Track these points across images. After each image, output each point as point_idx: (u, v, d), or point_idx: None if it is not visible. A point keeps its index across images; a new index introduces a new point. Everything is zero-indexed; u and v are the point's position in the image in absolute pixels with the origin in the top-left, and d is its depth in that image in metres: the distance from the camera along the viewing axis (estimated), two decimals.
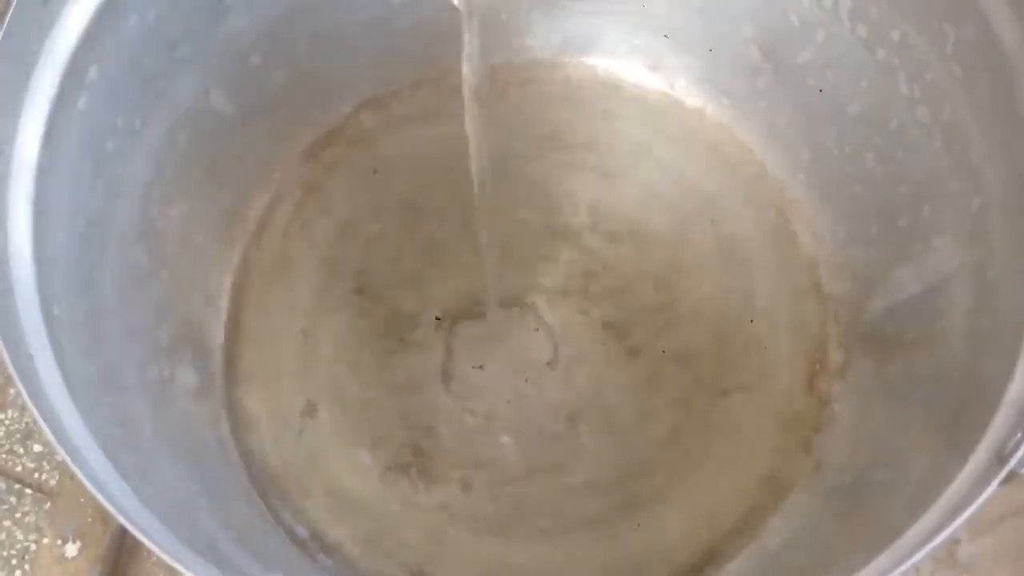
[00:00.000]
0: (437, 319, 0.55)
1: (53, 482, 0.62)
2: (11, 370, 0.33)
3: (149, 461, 0.42)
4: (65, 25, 0.40)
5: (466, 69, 0.41)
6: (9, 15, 0.37)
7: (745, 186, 0.57)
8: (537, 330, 0.54)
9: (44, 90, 0.40)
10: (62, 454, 0.32)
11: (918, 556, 0.32)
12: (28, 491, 0.63)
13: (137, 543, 0.58)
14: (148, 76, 0.46)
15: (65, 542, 0.56)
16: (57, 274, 0.40)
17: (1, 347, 0.34)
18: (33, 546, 0.61)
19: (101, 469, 0.35)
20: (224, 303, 0.55)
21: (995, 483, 0.32)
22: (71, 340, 0.39)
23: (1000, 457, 0.33)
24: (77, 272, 0.42)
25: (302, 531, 0.50)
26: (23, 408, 0.65)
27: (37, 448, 0.64)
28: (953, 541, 0.57)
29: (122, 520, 0.32)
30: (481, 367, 0.54)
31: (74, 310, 0.41)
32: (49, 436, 0.32)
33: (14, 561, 0.61)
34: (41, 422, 0.32)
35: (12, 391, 0.66)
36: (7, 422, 0.65)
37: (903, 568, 0.33)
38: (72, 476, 0.58)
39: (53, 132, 0.40)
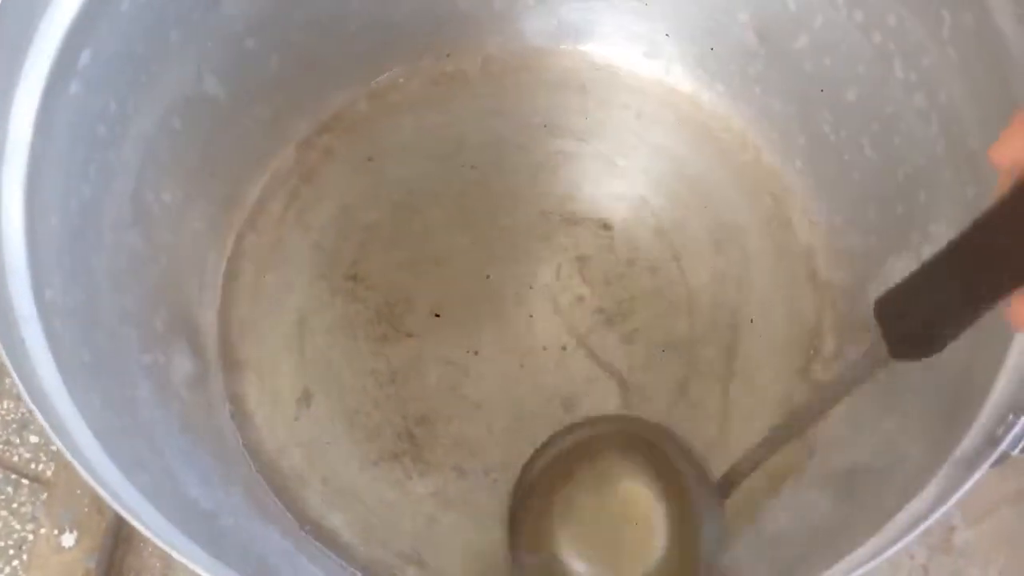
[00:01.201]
0: (432, 306, 0.55)
1: (49, 473, 0.62)
2: (3, 354, 0.33)
3: (143, 447, 0.42)
4: (59, 8, 0.40)
5: None
6: None
7: (741, 173, 0.57)
8: (532, 316, 0.54)
9: (37, 74, 0.39)
10: (54, 438, 0.32)
11: (911, 536, 0.33)
12: (25, 482, 0.63)
13: (133, 533, 0.59)
14: (141, 61, 0.46)
15: (62, 532, 0.56)
16: (50, 259, 0.40)
17: None
18: (30, 536, 0.61)
19: (93, 454, 0.35)
20: (219, 290, 0.55)
21: (987, 464, 0.32)
22: (64, 325, 0.39)
23: (992, 439, 0.33)
24: (71, 257, 0.42)
25: (299, 518, 0.50)
26: (19, 398, 0.65)
27: (34, 439, 0.64)
28: (949, 528, 0.57)
29: (114, 504, 0.32)
30: (476, 353, 0.54)
31: (68, 295, 0.41)
32: (40, 419, 0.32)
33: (11, 551, 0.61)
34: (32, 406, 0.32)
35: (8, 381, 0.66)
36: (3, 412, 0.65)
37: (896, 548, 0.33)
38: (68, 466, 0.58)
39: (46, 116, 0.40)
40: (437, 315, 0.54)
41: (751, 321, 0.54)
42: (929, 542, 0.57)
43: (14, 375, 0.33)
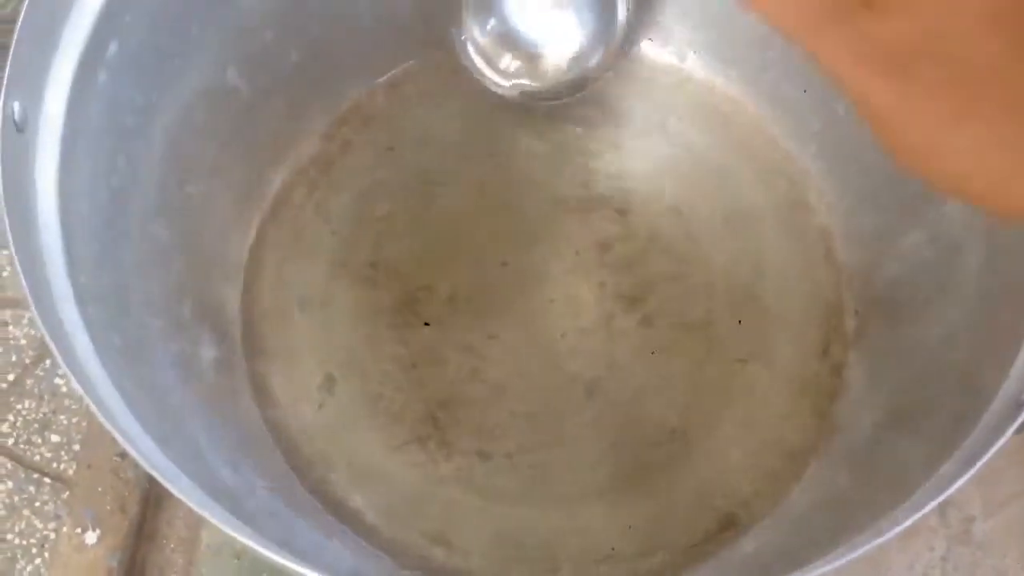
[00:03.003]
0: (451, 293, 0.55)
1: (71, 471, 0.62)
2: (43, 331, 0.34)
3: (173, 430, 0.43)
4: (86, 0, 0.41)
5: None
6: None
7: (756, 157, 0.58)
8: (552, 301, 0.55)
9: (67, 64, 0.40)
10: (95, 411, 0.33)
11: (932, 504, 0.33)
12: (47, 480, 0.64)
13: (156, 530, 0.59)
14: (165, 53, 0.47)
15: (84, 530, 0.57)
16: (83, 246, 0.41)
17: (35, 314, 0.35)
18: (52, 535, 0.62)
19: (131, 429, 0.36)
20: (241, 279, 0.55)
21: (1011, 430, 0.33)
22: (97, 310, 0.40)
23: (1017, 404, 0.34)
24: (101, 245, 0.43)
25: (323, 501, 0.51)
26: (41, 398, 0.66)
27: (55, 438, 0.65)
28: (968, 519, 0.57)
29: (155, 474, 0.32)
30: (496, 338, 0.54)
31: (100, 282, 0.42)
32: (80, 391, 0.33)
33: (34, 550, 0.62)
34: (73, 380, 0.33)
35: (29, 382, 0.67)
36: (24, 412, 0.66)
37: (917, 517, 0.33)
38: (90, 465, 0.59)
39: (77, 106, 0.40)
40: (457, 301, 0.55)
41: (768, 303, 0.54)
42: (948, 533, 0.57)
43: (55, 351, 0.34)
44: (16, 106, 0.37)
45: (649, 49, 0.60)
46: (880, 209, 0.52)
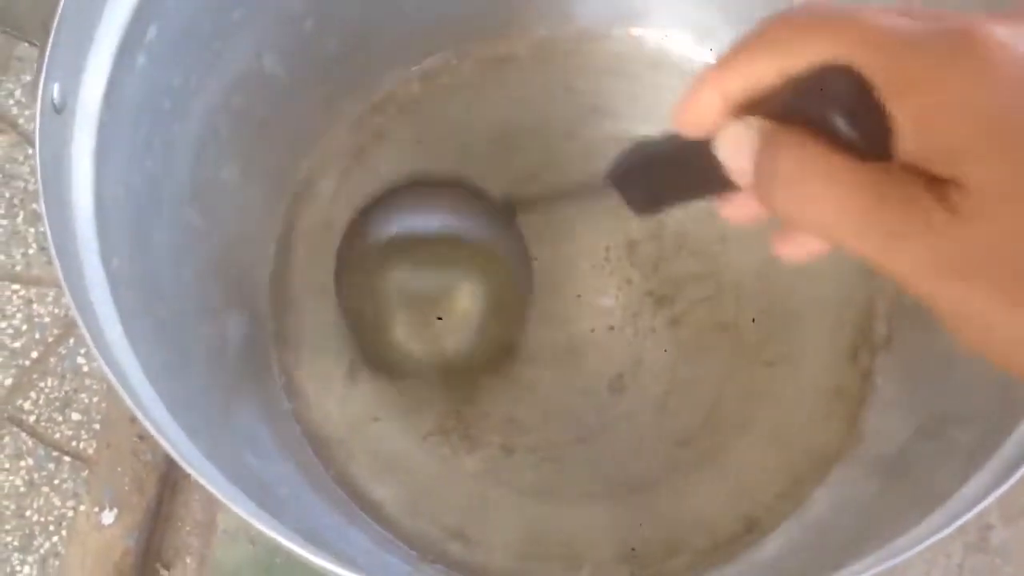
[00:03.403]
0: None
1: (91, 450, 0.63)
2: (75, 315, 0.34)
3: (200, 416, 0.43)
4: None
5: None
6: None
7: None
8: (579, 297, 0.55)
9: (107, 47, 0.40)
10: (121, 393, 0.33)
11: (967, 517, 0.33)
12: (67, 459, 0.64)
13: (173, 512, 0.60)
14: (204, 37, 0.47)
15: (102, 510, 0.57)
16: (117, 230, 0.41)
17: (68, 298, 0.35)
18: (70, 513, 0.62)
19: (162, 418, 0.36)
20: (271, 265, 0.55)
21: None
22: (128, 295, 0.40)
23: None
24: (135, 229, 0.43)
25: (346, 490, 0.51)
26: (63, 376, 0.67)
27: (76, 416, 0.66)
28: (986, 527, 0.56)
29: (180, 461, 0.32)
30: (523, 332, 0.54)
31: (132, 265, 0.42)
32: (108, 373, 0.33)
33: (51, 527, 0.62)
34: (101, 362, 0.33)
35: (52, 360, 0.67)
36: (47, 390, 0.67)
37: (948, 531, 0.33)
38: (110, 444, 0.59)
39: (114, 89, 0.41)
40: None
41: (798, 306, 0.54)
42: (965, 540, 0.56)
43: (85, 333, 0.34)
44: (56, 88, 0.37)
45: (687, 47, 0.59)
46: None
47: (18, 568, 0.62)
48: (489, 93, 0.59)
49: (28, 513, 0.63)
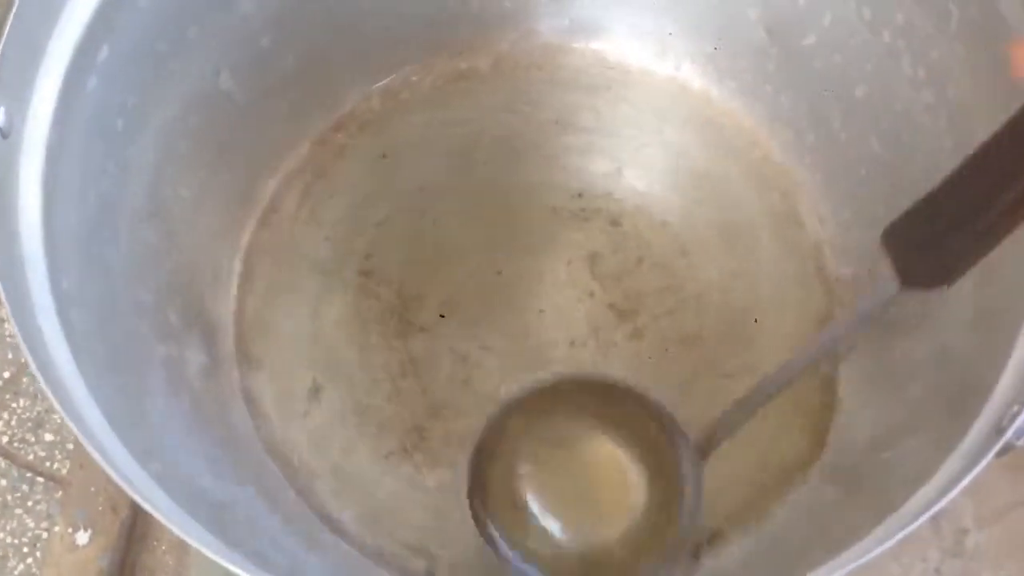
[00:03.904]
0: (443, 302, 0.55)
1: (64, 471, 0.62)
2: (20, 341, 0.34)
3: (155, 438, 0.43)
4: (77, 5, 0.41)
5: None
6: None
7: (751, 169, 0.57)
8: (542, 312, 0.55)
9: (55, 69, 0.40)
10: (69, 423, 0.33)
11: (912, 527, 0.33)
12: (40, 480, 0.64)
13: (147, 532, 0.59)
14: (159, 57, 0.47)
15: (76, 531, 0.57)
16: (68, 251, 0.41)
17: (12, 322, 0.35)
18: (44, 534, 0.62)
19: (107, 440, 0.35)
20: (232, 285, 0.55)
21: (991, 454, 0.33)
22: (80, 316, 0.40)
23: (998, 429, 0.34)
24: (88, 250, 0.43)
25: (307, 510, 0.51)
26: (35, 397, 0.66)
27: (49, 437, 0.65)
28: (961, 531, 0.56)
29: (127, 489, 0.32)
30: (487, 348, 0.54)
31: (84, 287, 0.41)
32: (55, 404, 0.33)
33: (25, 549, 0.62)
34: (48, 392, 0.33)
35: (25, 380, 0.67)
36: (19, 411, 0.66)
37: (897, 539, 0.33)
38: (83, 464, 0.59)
39: (64, 111, 0.40)
40: (448, 310, 0.55)
41: (760, 317, 0.54)
42: (942, 545, 0.56)
43: (31, 361, 0.34)
44: (2, 112, 0.37)
45: (647, 60, 0.60)
46: (874, 224, 0.51)
47: None
48: (451, 108, 0.60)
49: (1, 535, 0.63)
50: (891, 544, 0.32)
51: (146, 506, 0.32)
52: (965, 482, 0.32)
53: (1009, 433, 0.33)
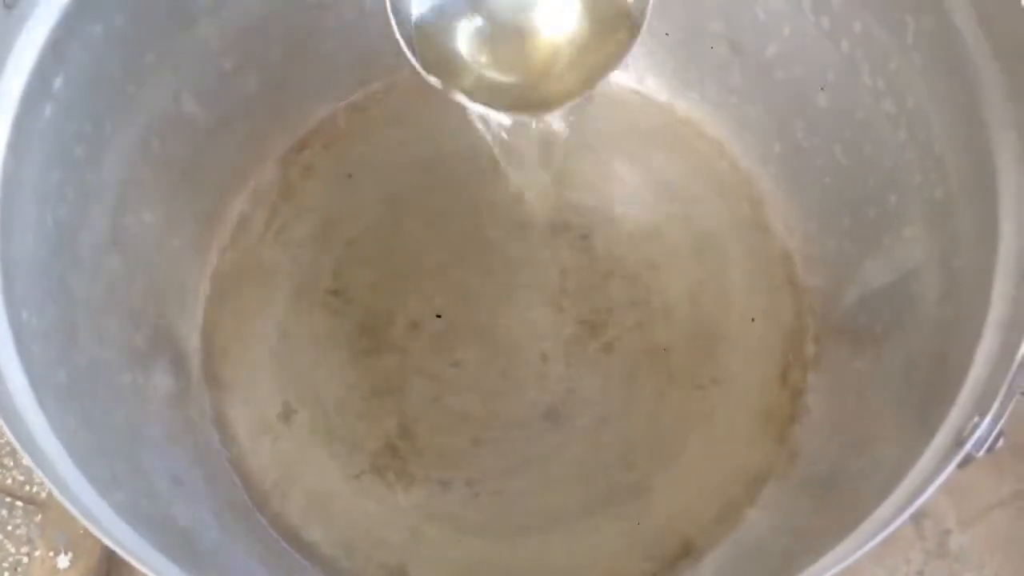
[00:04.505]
0: (413, 320, 0.55)
1: (44, 494, 0.62)
2: None
3: (121, 466, 0.42)
4: (30, 32, 0.40)
5: None
6: None
7: (717, 180, 0.57)
8: (513, 327, 0.55)
9: (9, 97, 0.40)
10: (26, 457, 0.32)
11: (880, 537, 0.33)
12: (19, 504, 0.63)
13: None
14: (117, 82, 0.46)
15: (57, 554, 0.56)
16: (27, 281, 0.40)
17: None
18: (25, 559, 0.61)
19: (68, 472, 0.35)
20: (200, 308, 0.55)
21: (952, 465, 0.33)
22: (41, 347, 0.40)
23: (958, 441, 0.34)
24: (48, 278, 0.42)
25: (281, 532, 0.50)
26: None
27: (27, 461, 0.65)
28: (944, 532, 0.57)
29: (84, 521, 0.32)
30: (457, 365, 0.54)
31: (45, 316, 0.41)
32: (12, 438, 0.32)
33: (6, 574, 0.61)
34: (4, 425, 0.32)
35: None
36: None
37: (867, 549, 0.33)
38: None
39: (19, 139, 0.40)
40: (418, 328, 0.55)
41: (730, 328, 0.54)
42: (925, 547, 0.56)
43: None
44: None
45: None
46: (841, 234, 0.52)
47: None
48: (417, 124, 0.59)
49: None
50: (855, 558, 0.32)
51: (105, 539, 0.32)
52: (927, 495, 0.32)
53: (969, 445, 0.33)
